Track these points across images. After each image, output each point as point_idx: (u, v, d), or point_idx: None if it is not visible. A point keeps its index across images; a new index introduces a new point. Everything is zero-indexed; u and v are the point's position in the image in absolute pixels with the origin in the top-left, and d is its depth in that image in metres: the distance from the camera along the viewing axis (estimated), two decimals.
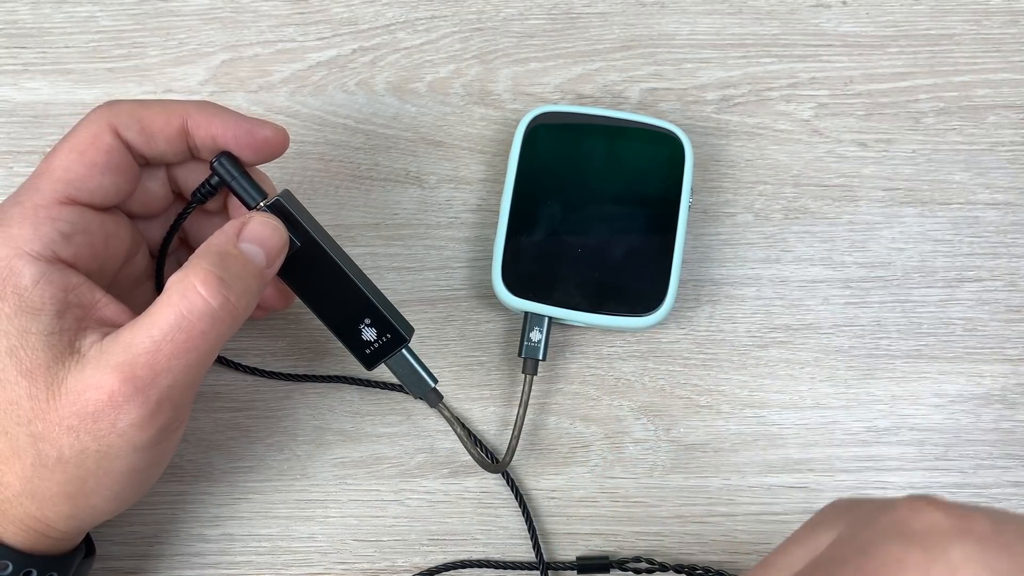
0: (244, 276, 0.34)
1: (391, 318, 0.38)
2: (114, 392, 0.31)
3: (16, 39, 0.47)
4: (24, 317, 0.32)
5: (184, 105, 0.36)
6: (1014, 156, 0.47)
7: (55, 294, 0.33)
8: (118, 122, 0.35)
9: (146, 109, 0.36)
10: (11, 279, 0.32)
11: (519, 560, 0.42)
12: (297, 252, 0.36)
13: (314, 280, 0.37)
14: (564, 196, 0.43)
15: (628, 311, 0.42)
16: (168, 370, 0.32)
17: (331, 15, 0.48)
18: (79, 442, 0.32)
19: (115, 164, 0.35)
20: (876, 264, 0.45)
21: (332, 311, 0.37)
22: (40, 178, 0.34)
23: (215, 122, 0.36)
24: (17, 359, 0.32)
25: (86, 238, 0.34)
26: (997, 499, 0.43)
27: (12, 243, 0.33)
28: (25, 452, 0.32)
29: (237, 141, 0.36)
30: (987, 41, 0.48)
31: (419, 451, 0.43)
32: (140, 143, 0.35)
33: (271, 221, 0.35)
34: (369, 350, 0.38)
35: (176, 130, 0.36)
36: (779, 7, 0.48)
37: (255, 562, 0.41)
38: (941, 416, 0.43)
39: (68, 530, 0.34)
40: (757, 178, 0.46)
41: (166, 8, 0.47)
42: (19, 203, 0.34)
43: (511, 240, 0.42)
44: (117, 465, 0.33)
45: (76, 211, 0.34)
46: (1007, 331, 0.44)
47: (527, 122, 0.44)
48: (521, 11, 0.48)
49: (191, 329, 0.32)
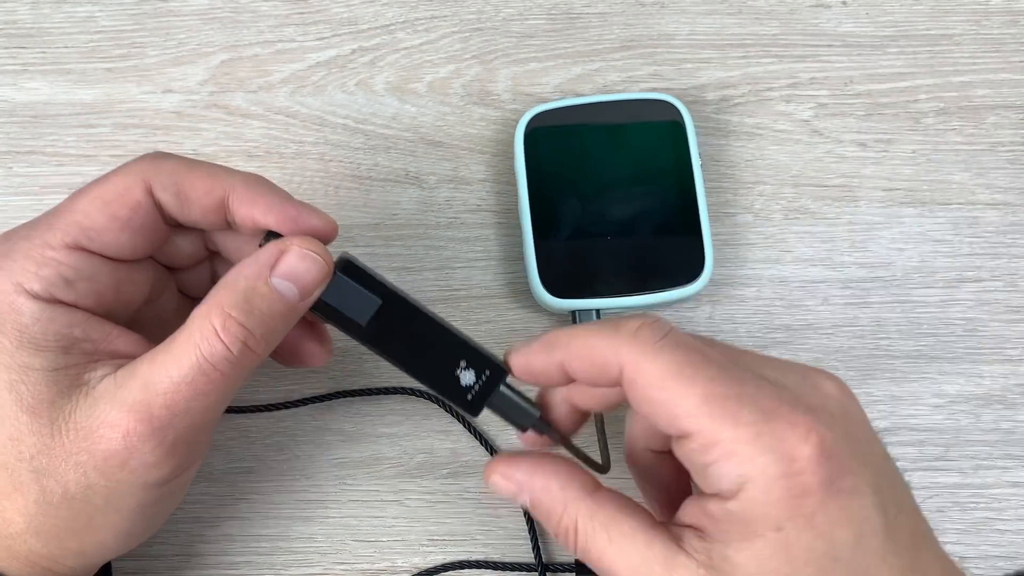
0: (270, 317, 0.32)
1: (486, 352, 0.34)
2: (129, 431, 0.31)
3: (15, 39, 0.47)
4: (26, 352, 0.31)
5: (230, 176, 0.33)
6: (1014, 156, 0.47)
7: (58, 331, 0.31)
8: (155, 180, 0.33)
9: (189, 173, 0.33)
10: (11, 315, 0.31)
11: (519, 561, 0.41)
12: (379, 310, 0.33)
13: (404, 336, 0.34)
14: (579, 189, 0.43)
15: (673, 283, 0.42)
16: (186, 412, 0.31)
17: (331, 15, 0.48)
18: (86, 478, 0.31)
19: (138, 223, 0.33)
20: (876, 264, 0.45)
21: (428, 366, 0.34)
22: (58, 215, 0.32)
23: (259, 204, 0.33)
24: (18, 394, 0.31)
25: (91, 286, 0.33)
26: (997, 499, 0.43)
27: (13, 278, 0.31)
28: (28, 488, 0.31)
29: (280, 228, 0.33)
30: (987, 41, 0.48)
31: (419, 451, 0.43)
32: (173, 207, 0.33)
33: (312, 252, 0.32)
34: (471, 395, 0.34)
35: (215, 202, 0.33)
36: (779, 7, 0.48)
37: (255, 562, 0.41)
38: (941, 416, 0.43)
39: (77, 567, 0.33)
40: (757, 178, 0.46)
41: (165, 8, 0.47)
42: (29, 237, 0.32)
43: (540, 245, 0.42)
44: (127, 502, 0.32)
45: (84, 258, 0.32)
46: (1007, 331, 0.44)
47: (523, 127, 0.44)
48: (521, 11, 0.48)
49: (211, 372, 0.31)
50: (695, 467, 0.30)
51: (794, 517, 0.28)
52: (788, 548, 0.28)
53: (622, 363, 0.30)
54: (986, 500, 0.43)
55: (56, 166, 0.45)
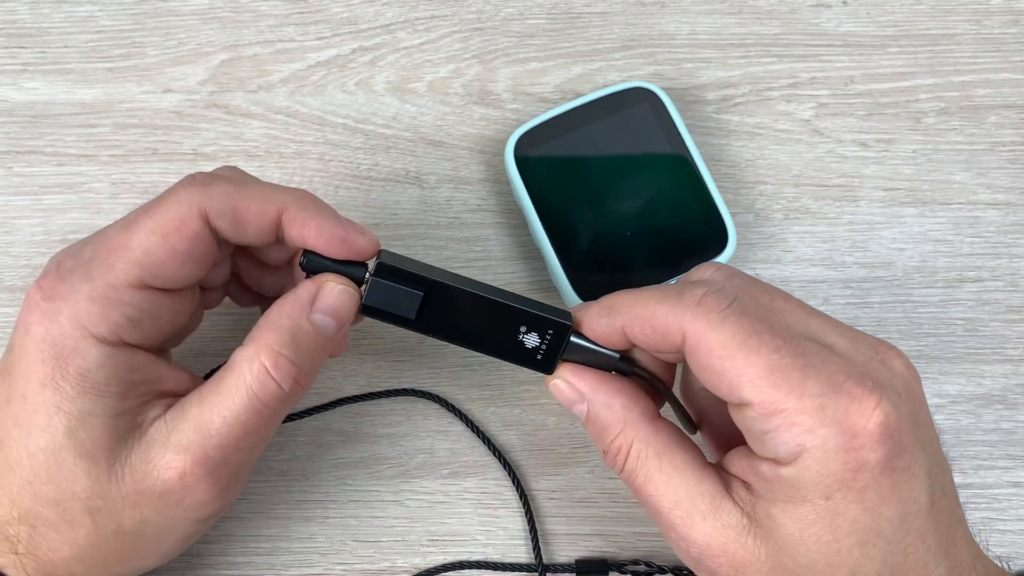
0: (314, 352, 0.33)
1: (544, 313, 0.34)
2: (185, 473, 0.31)
3: (15, 39, 0.47)
4: (87, 399, 0.31)
5: (282, 195, 0.33)
6: (1015, 156, 0.46)
7: (120, 376, 0.32)
8: (210, 207, 0.32)
9: (242, 196, 0.33)
10: (74, 360, 0.31)
11: (518, 562, 0.41)
12: (424, 301, 0.34)
13: (455, 318, 0.35)
14: (585, 196, 0.43)
15: (702, 258, 0.42)
16: (238, 450, 0.32)
17: (331, 15, 0.48)
18: (141, 515, 0.32)
19: (198, 253, 0.33)
20: (877, 264, 0.45)
21: (488, 339, 0.35)
22: (116, 255, 0.32)
23: (311, 224, 0.33)
24: (77, 440, 0.31)
25: (155, 323, 0.33)
26: (997, 499, 0.43)
27: (79, 322, 0.31)
28: (80, 523, 0.31)
29: (328, 247, 0.33)
30: (988, 41, 0.48)
31: (419, 452, 0.43)
32: (230, 232, 0.33)
33: (347, 288, 0.33)
34: (540, 355, 0.35)
35: (270, 223, 0.33)
36: (779, 7, 0.48)
37: (255, 562, 0.41)
38: (941, 416, 0.43)
39: None
40: (757, 178, 0.46)
41: (165, 8, 0.47)
42: (91, 279, 0.31)
43: (565, 259, 0.42)
44: (175, 533, 0.33)
45: (147, 296, 0.32)
46: (1007, 331, 0.44)
47: (511, 153, 0.43)
48: (521, 11, 0.48)
49: (263, 411, 0.32)
50: (752, 433, 0.30)
51: (845, 488, 0.28)
52: (833, 516, 0.29)
53: (685, 331, 0.30)
54: (987, 500, 0.43)
55: (56, 166, 0.45)
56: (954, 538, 0.30)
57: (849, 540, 0.29)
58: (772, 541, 0.30)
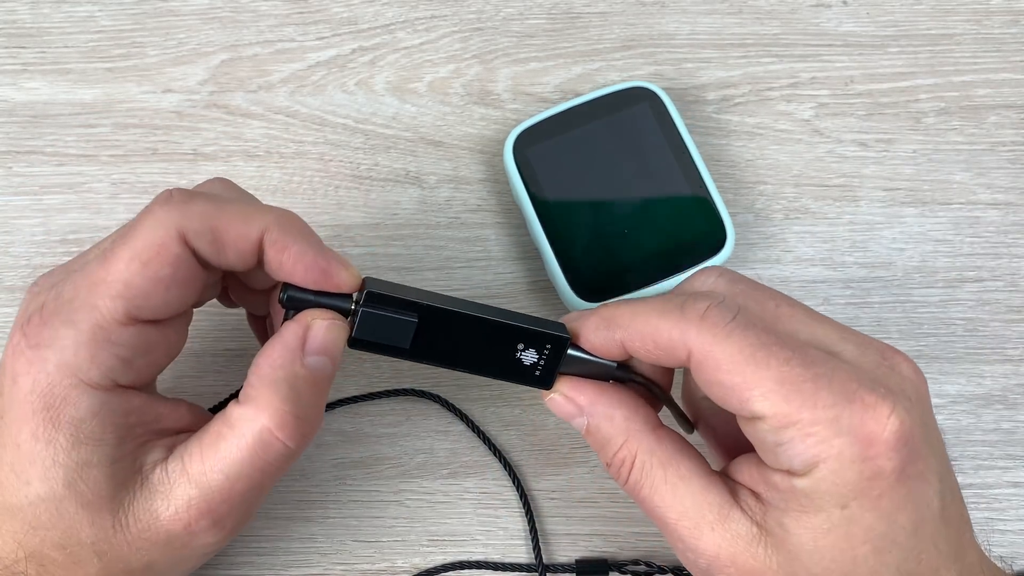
0: (315, 398, 0.31)
1: (541, 328, 0.33)
2: (191, 523, 0.31)
3: (15, 39, 0.47)
4: (83, 450, 0.30)
5: (263, 216, 0.31)
6: (1015, 156, 0.46)
7: (116, 422, 0.30)
8: (188, 228, 0.30)
9: (221, 215, 0.31)
10: (66, 410, 0.29)
11: (518, 562, 0.41)
12: (418, 328, 0.32)
13: (451, 343, 0.33)
14: (583, 194, 0.43)
15: (700, 258, 0.42)
16: (244, 501, 0.31)
17: (330, 15, 0.48)
18: (148, 557, 0.31)
19: (182, 277, 0.31)
20: (877, 264, 0.45)
21: (486, 360, 0.34)
22: (97, 291, 0.30)
23: (292, 249, 0.31)
24: (76, 492, 0.30)
25: (147, 359, 0.31)
26: (997, 499, 0.43)
27: (68, 370, 0.29)
28: (88, 563, 0.31)
29: (306, 276, 0.31)
30: (988, 41, 0.48)
31: (419, 451, 0.43)
32: (210, 254, 0.31)
33: (335, 322, 0.32)
34: (538, 371, 0.34)
35: (252, 245, 0.31)
36: (779, 7, 0.48)
37: (255, 562, 0.41)
38: (941, 416, 0.43)
39: None
40: (757, 178, 0.46)
41: (165, 8, 0.47)
42: (74, 323, 0.30)
43: (562, 257, 0.42)
44: (183, 568, 0.33)
45: (137, 332, 0.30)
46: (1007, 331, 0.44)
47: (510, 150, 0.43)
48: (521, 11, 0.48)
49: (267, 468, 0.31)
50: (765, 445, 0.29)
51: (861, 497, 0.28)
52: (849, 525, 0.28)
53: (690, 347, 0.30)
54: (987, 500, 0.43)
55: (56, 166, 0.45)
56: (963, 541, 0.30)
57: (864, 548, 0.29)
58: (784, 550, 0.29)
